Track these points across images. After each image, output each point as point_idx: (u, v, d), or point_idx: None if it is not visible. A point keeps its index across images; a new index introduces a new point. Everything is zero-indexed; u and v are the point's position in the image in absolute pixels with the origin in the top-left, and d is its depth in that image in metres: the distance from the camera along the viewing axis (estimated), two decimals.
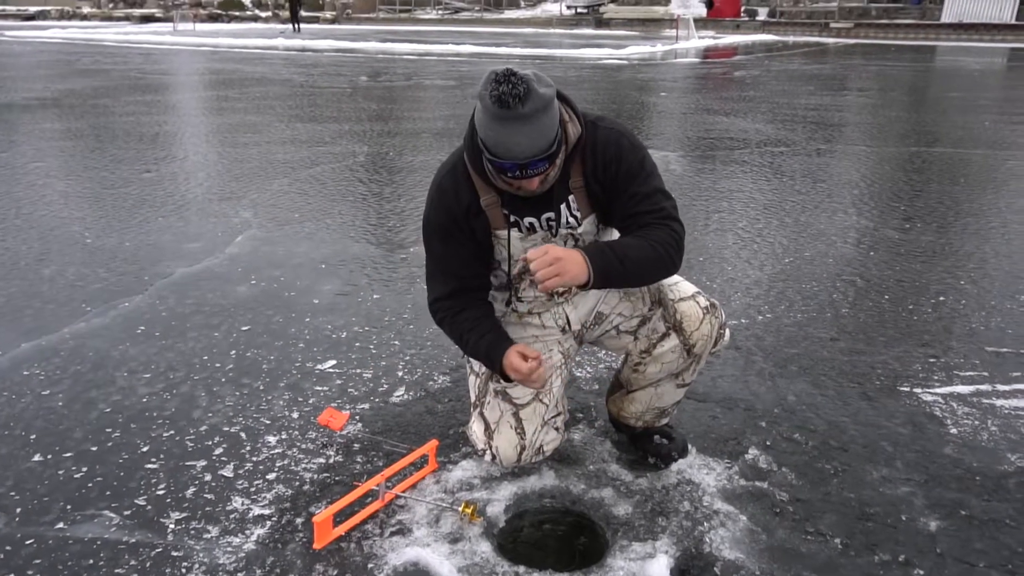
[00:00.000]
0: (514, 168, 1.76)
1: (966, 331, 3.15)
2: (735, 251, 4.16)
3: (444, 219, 1.99)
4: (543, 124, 1.73)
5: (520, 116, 1.69)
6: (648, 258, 1.87)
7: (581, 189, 1.95)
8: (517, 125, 1.70)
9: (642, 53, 21.13)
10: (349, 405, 2.54)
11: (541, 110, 1.72)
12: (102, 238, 4.31)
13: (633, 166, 1.92)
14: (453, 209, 1.97)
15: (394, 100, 11.01)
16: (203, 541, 1.90)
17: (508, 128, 1.71)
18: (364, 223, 4.68)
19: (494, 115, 1.71)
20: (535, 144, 1.73)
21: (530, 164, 1.75)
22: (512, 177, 1.80)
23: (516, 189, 1.87)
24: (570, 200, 1.97)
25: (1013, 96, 11.99)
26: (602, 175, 1.93)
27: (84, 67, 15.65)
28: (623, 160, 1.92)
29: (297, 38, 25.38)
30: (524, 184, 1.83)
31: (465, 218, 1.97)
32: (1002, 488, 2.12)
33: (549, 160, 1.78)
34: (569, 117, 1.90)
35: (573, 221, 1.99)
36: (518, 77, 1.70)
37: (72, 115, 8.99)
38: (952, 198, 5.31)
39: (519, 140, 1.72)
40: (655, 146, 7.28)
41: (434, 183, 2.02)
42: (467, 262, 2.03)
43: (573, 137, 1.90)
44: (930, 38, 27.87)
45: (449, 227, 1.99)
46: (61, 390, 2.63)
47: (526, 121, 1.70)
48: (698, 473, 2.16)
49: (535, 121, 1.71)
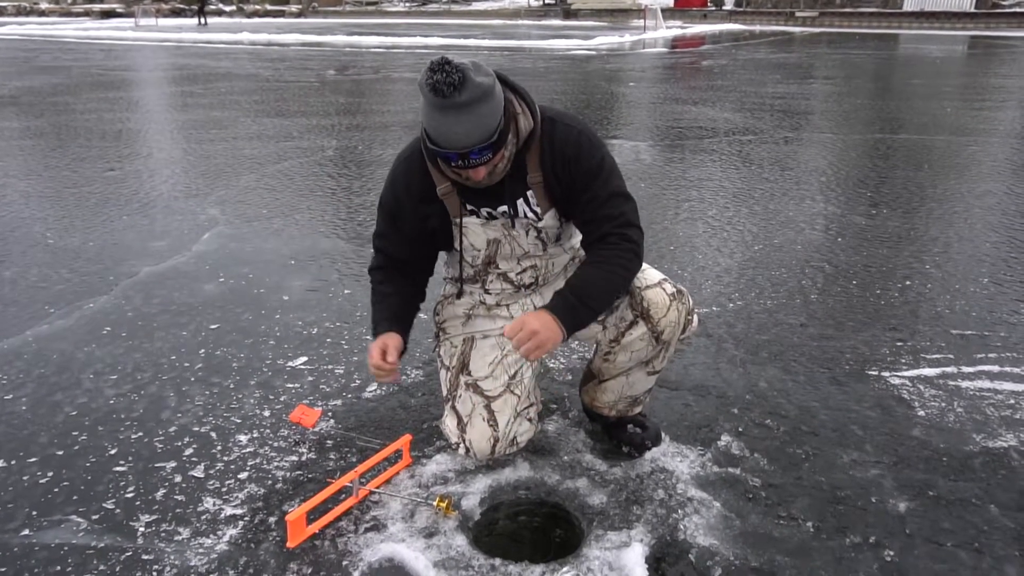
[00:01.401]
0: (455, 157, 1.77)
1: (932, 314, 3.20)
2: (705, 239, 4.19)
3: (392, 203, 2.07)
4: (481, 113, 1.73)
5: (456, 105, 1.70)
6: (610, 287, 1.94)
7: (540, 184, 1.95)
8: (454, 114, 1.71)
9: (610, 43, 21.17)
10: (321, 402, 2.52)
11: (478, 99, 1.72)
12: (65, 238, 4.22)
13: (592, 165, 1.93)
14: (401, 196, 2.03)
15: (362, 94, 10.92)
16: (174, 543, 1.87)
17: (446, 117, 1.72)
18: (334, 218, 4.64)
19: (432, 104, 1.73)
20: (472, 134, 1.73)
21: (471, 153, 1.76)
22: (455, 167, 1.82)
23: (464, 179, 1.88)
24: (528, 196, 1.97)
25: (973, 83, 12.19)
26: (561, 172, 1.93)
27: (43, 64, 15.32)
28: (582, 159, 1.92)
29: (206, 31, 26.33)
30: (470, 174, 1.84)
31: (414, 206, 2.02)
32: (968, 468, 2.16)
33: (492, 149, 1.78)
34: (521, 110, 1.89)
35: (532, 216, 1.99)
36: (452, 66, 1.70)
37: (31, 113, 8.80)
38: (917, 184, 5.39)
39: (457, 130, 1.73)
40: (624, 136, 7.30)
41: (391, 169, 2.08)
42: (402, 245, 2.11)
43: (525, 130, 1.89)
44: (893, 26, 28.26)
45: (395, 211, 2.06)
46: (25, 394, 2.57)
47: (463, 110, 1.71)
48: (672, 461, 2.17)
49: (472, 110, 1.72)
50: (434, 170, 1.96)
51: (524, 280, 2.11)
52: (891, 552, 1.83)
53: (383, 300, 2.14)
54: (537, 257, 2.08)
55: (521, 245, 2.05)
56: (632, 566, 1.77)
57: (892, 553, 1.83)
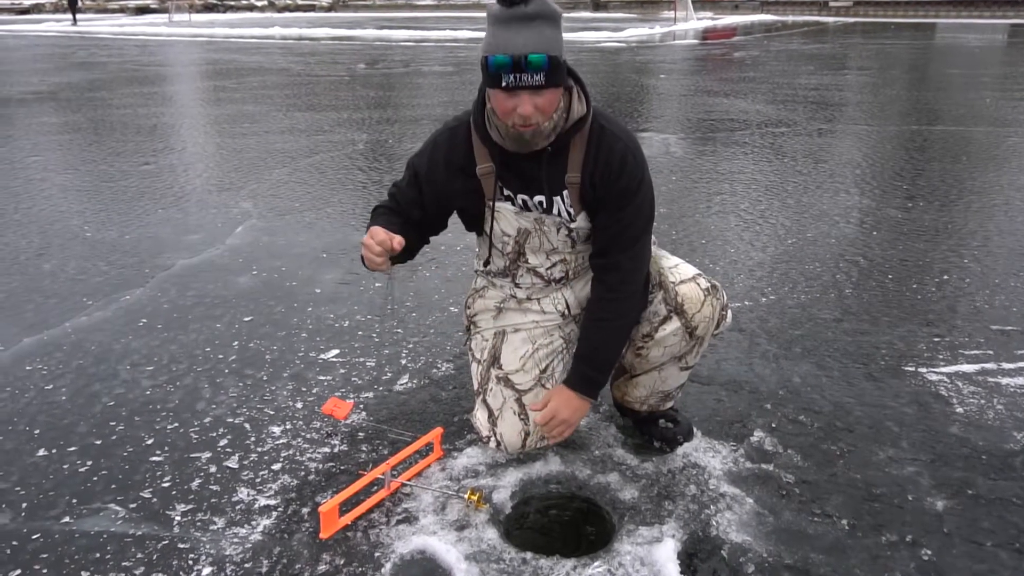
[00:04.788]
0: (509, 67, 1.72)
1: (971, 310, 3.14)
2: (737, 233, 4.14)
3: (425, 168, 2.03)
4: (545, 30, 1.75)
5: (523, 16, 1.73)
6: (620, 343, 2.06)
7: (576, 186, 1.94)
8: (517, 24, 1.73)
9: (640, 35, 21.01)
10: (353, 394, 2.54)
11: (544, 15, 1.74)
12: (102, 231, 4.29)
13: (631, 186, 1.92)
14: (437, 162, 2.01)
15: (392, 87, 10.96)
16: (209, 533, 1.90)
17: (511, 28, 1.73)
18: (365, 211, 4.66)
19: (498, 17, 1.75)
20: (531, 41, 1.72)
21: (526, 66, 1.71)
22: (507, 86, 1.74)
23: (511, 127, 1.80)
24: (564, 195, 1.96)
25: (1014, 73, 11.91)
26: (599, 182, 1.93)
27: (80, 60, 15.59)
28: (623, 176, 1.92)
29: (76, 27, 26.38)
30: (519, 108, 1.76)
31: (447, 177, 2.00)
32: (1009, 467, 2.12)
33: (547, 74, 1.74)
34: (577, 95, 1.89)
35: (566, 216, 1.99)
36: None
37: (69, 108, 8.96)
38: (954, 176, 5.28)
39: (517, 38, 1.73)
40: (655, 128, 7.25)
41: (433, 134, 2.06)
42: (414, 207, 2.06)
43: (576, 114, 1.88)
44: (930, 15, 27.70)
45: (426, 175, 2.03)
46: (64, 384, 2.63)
47: (528, 21, 1.73)
48: (704, 456, 2.16)
49: (537, 24, 1.73)
50: (480, 146, 1.94)
51: (554, 275, 2.11)
52: (928, 551, 1.80)
53: (388, 215, 2.07)
54: (567, 253, 2.08)
55: (551, 240, 2.04)
56: (664, 562, 1.76)
57: (930, 552, 1.80)
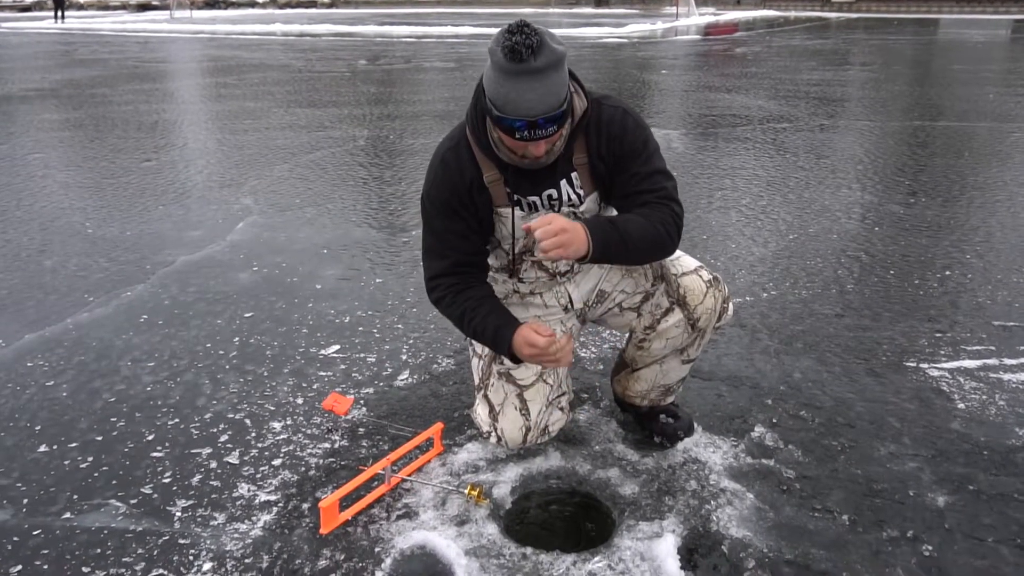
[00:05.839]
0: (523, 127, 1.70)
1: (973, 305, 3.13)
2: (739, 228, 4.14)
3: (447, 194, 1.94)
4: (554, 81, 1.69)
5: (532, 70, 1.65)
6: (648, 236, 1.84)
7: (585, 166, 1.93)
8: (528, 80, 1.66)
9: (642, 31, 20.98)
10: (353, 390, 2.54)
11: (553, 66, 1.67)
12: (103, 228, 4.29)
13: (636, 144, 1.90)
14: (457, 184, 1.93)
15: (393, 83, 10.95)
16: (210, 528, 1.90)
17: (520, 83, 1.66)
18: (365, 207, 4.66)
19: (505, 70, 1.67)
20: (545, 100, 1.68)
21: (540, 123, 1.70)
22: (520, 138, 1.74)
23: (520, 158, 1.83)
24: (572, 176, 1.94)
25: (1017, 68, 11.88)
26: (605, 152, 1.91)
27: (81, 57, 15.58)
28: (626, 138, 1.90)
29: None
30: (531, 149, 1.78)
31: (468, 193, 1.93)
32: (1010, 462, 2.11)
33: (558, 122, 1.73)
34: (575, 91, 1.88)
35: (575, 197, 1.96)
36: (531, 28, 1.66)
37: (70, 105, 8.96)
38: (957, 172, 5.27)
39: (529, 97, 1.67)
40: (657, 124, 7.23)
41: (436, 158, 1.98)
42: (467, 238, 1.98)
43: (579, 111, 1.87)
44: (932, 10, 27.62)
45: (452, 202, 1.94)
46: (65, 380, 2.63)
47: (537, 76, 1.66)
48: (704, 452, 2.15)
49: (547, 77, 1.67)
50: (483, 157, 1.91)
51: (560, 267, 2.10)
52: (929, 547, 1.80)
53: (480, 305, 1.95)
54: None
55: None
56: (664, 557, 1.75)
57: (931, 548, 1.80)
